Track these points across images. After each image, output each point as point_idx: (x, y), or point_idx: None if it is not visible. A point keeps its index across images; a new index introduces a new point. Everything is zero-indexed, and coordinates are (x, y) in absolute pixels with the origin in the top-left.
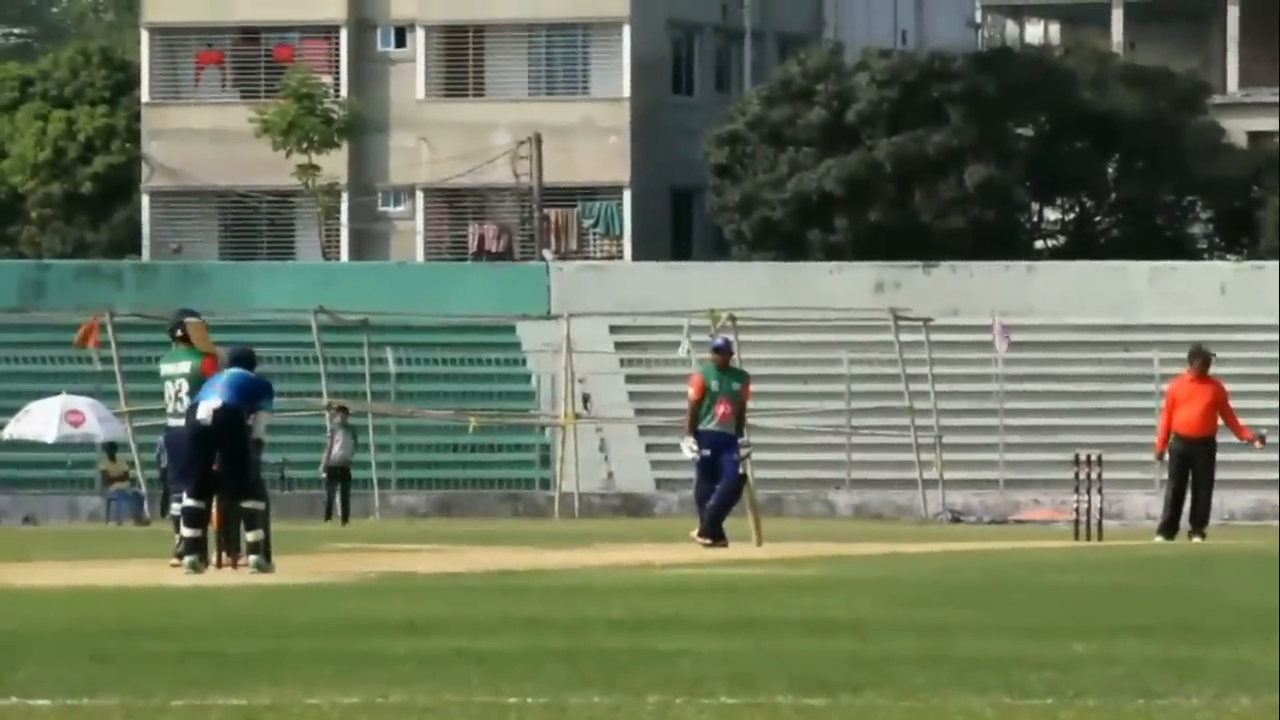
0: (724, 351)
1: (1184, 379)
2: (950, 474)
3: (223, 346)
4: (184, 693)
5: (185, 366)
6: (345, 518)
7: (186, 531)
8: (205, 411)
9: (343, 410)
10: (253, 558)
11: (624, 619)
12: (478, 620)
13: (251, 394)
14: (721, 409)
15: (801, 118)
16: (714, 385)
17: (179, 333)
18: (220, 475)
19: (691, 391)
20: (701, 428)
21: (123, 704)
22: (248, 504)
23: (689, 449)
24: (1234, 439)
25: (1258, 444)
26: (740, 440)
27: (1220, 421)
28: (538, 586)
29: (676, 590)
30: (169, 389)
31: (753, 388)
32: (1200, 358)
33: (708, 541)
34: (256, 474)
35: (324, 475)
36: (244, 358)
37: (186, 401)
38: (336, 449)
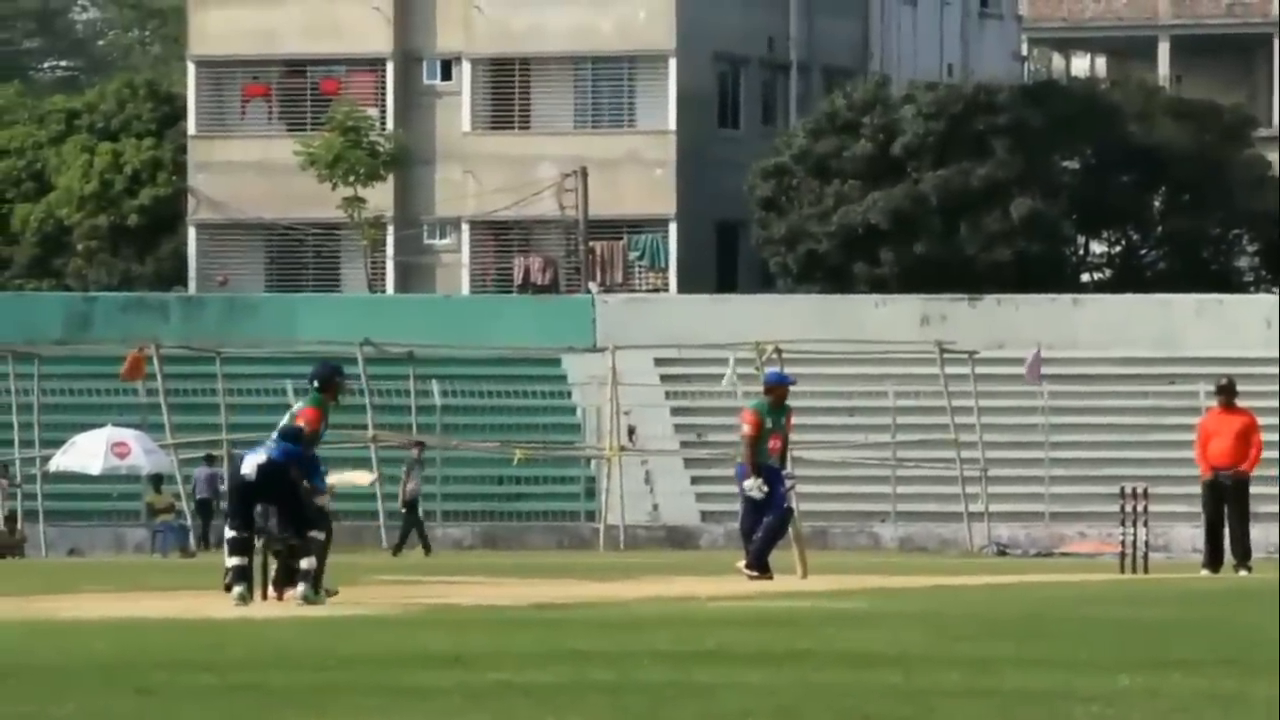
0: (777, 385)
1: (1214, 412)
2: (996, 506)
3: (272, 379)
4: None
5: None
6: (427, 549)
7: (232, 560)
8: (249, 467)
9: (420, 445)
10: (301, 586)
11: (669, 651)
12: (523, 653)
13: (296, 460)
14: (773, 443)
15: (847, 150)
16: (768, 422)
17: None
18: (280, 523)
19: (747, 428)
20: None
21: None
22: (311, 533)
23: (759, 489)
24: (1269, 472)
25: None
26: (785, 472)
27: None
28: (582, 619)
29: (721, 623)
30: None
31: (796, 420)
32: (1227, 390)
33: (754, 574)
34: (315, 508)
35: (403, 510)
36: (290, 437)
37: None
38: (411, 483)
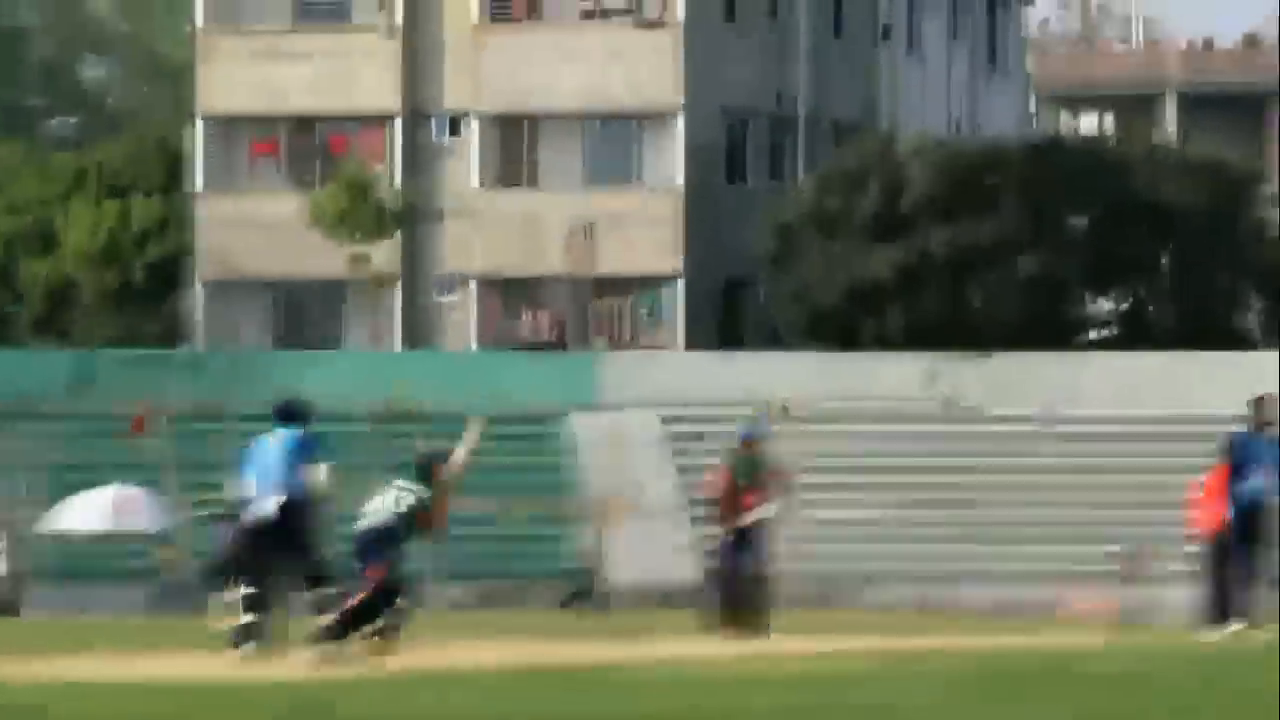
0: (751, 440)
1: (1224, 469)
2: (999, 565)
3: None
4: None
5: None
6: None
7: (245, 618)
8: (271, 506)
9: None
10: (317, 647)
11: (671, 713)
12: (520, 714)
13: (309, 461)
14: (747, 498)
15: (854, 206)
16: (741, 481)
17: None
18: (286, 566)
19: (718, 483)
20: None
21: None
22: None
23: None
24: None
25: None
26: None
27: None
28: (587, 680)
29: (725, 683)
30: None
31: (805, 478)
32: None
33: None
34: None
35: None
36: (293, 413)
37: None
38: None
